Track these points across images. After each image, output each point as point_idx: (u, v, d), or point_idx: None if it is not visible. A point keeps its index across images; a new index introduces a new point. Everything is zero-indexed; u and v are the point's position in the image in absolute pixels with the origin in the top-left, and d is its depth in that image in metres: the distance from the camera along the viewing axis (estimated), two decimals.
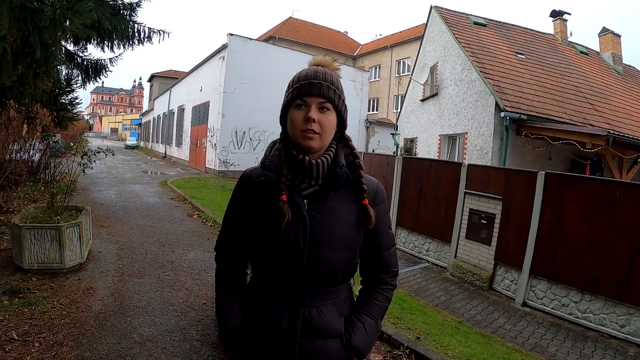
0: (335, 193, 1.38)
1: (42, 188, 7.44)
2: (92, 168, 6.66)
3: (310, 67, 1.42)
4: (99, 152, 6.48)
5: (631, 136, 10.00)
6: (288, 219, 1.31)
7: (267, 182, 1.39)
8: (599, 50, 19.05)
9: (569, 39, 18.27)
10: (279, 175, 1.36)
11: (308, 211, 1.35)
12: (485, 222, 6.93)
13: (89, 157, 6.29)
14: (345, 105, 1.42)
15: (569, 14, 18.24)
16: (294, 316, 1.35)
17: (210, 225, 8.73)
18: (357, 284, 1.59)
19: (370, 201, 1.42)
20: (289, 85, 1.39)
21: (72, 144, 11.07)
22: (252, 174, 1.47)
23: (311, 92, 1.31)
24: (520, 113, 10.17)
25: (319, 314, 1.36)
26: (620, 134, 9.48)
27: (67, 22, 4.35)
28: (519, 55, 13.90)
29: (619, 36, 18.87)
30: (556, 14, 18.30)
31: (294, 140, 1.36)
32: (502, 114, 10.14)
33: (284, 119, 1.41)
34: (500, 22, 16.50)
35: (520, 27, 17.01)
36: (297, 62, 19.92)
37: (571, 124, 10.68)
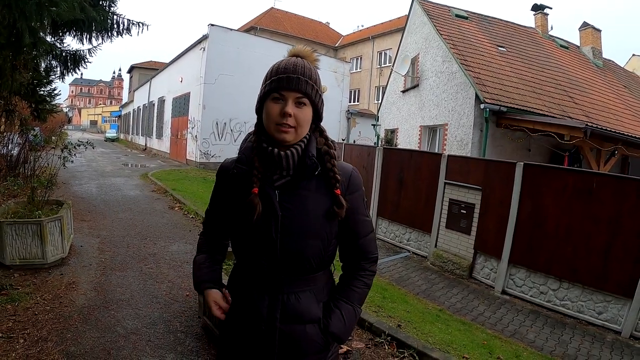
0: (306, 183, 1.39)
1: (22, 182, 7.32)
2: (72, 161, 6.58)
3: (289, 58, 1.41)
4: (79, 145, 6.40)
5: (609, 129, 10.21)
6: (259, 211, 1.34)
7: (240, 174, 1.42)
8: (579, 45, 19.35)
9: (549, 33, 18.51)
10: (250, 168, 1.39)
11: (279, 202, 1.37)
12: (464, 212, 7.05)
13: (69, 150, 6.22)
14: (322, 98, 1.43)
15: (550, 8, 18.47)
16: (273, 302, 1.39)
17: (192, 217, 8.68)
18: (338, 270, 1.61)
19: (344, 189, 1.43)
20: (266, 76, 1.39)
21: (52, 137, 10.89)
22: (228, 165, 1.50)
23: (289, 86, 1.32)
24: (500, 105, 10.31)
25: (297, 299, 1.40)
26: (598, 126, 9.67)
27: (53, 7, 4.26)
28: (499, 48, 14.04)
29: (599, 31, 19.16)
30: (537, 8, 18.50)
31: (268, 132, 1.37)
32: (482, 106, 10.27)
33: (260, 109, 1.42)
34: (482, 15, 16.63)
35: (501, 20, 17.18)
36: (279, 52, 19.41)
37: (550, 116, 10.84)
